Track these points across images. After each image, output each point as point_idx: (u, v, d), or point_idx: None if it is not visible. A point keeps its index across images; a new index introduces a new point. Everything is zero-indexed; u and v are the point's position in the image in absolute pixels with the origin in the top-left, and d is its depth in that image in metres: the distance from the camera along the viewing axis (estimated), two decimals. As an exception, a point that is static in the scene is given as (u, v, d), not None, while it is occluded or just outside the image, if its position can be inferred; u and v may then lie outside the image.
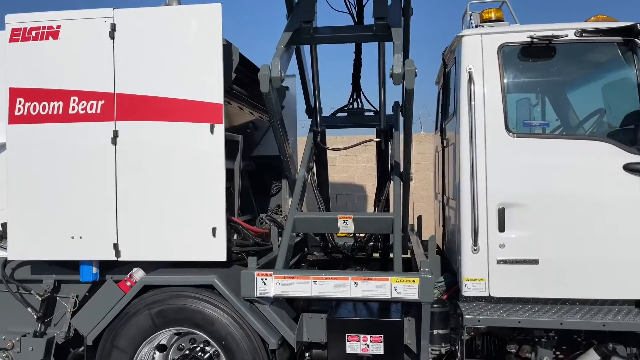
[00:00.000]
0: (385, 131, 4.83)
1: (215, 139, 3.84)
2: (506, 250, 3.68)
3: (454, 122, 4.15)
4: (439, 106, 5.49)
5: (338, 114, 5.53)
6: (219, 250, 3.83)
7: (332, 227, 4.24)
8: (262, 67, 3.72)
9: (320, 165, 5.08)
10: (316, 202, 4.90)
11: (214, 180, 3.83)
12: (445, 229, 4.95)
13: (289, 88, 6.34)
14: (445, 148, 4.85)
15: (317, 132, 4.83)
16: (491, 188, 3.71)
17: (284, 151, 4.33)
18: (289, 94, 6.37)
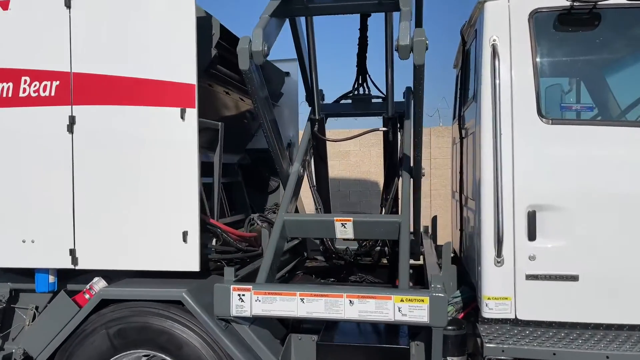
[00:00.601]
0: (393, 120, 4.16)
1: (186, 126, 3.22)
2: (537, 263, 3.00)
3: (474, 108, 3.47)
4: (457, 91, 4.79)
5: (342, 101, 4.89)
6: (190, 259, 3.22)
7: (328, 231, 3.60)
8: (241, 39, 3.10)
9: (319, 159, 4.44)
10: (313, 201, 4.26)
11: (185, 174, 3.22)
12: (463, 233, 4.26)
13: (289, 74, 5.72)
14: (463, 139, 4.16)
15: (314, 121, 4.18)
16: (519, 186, 3.02)
17: (272, 142, 3.71)
18: (290, 81, 5.74)
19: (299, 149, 4.28)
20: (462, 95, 4.49)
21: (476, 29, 3.58)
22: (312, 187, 4.24)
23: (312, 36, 3.93)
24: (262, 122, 3.54)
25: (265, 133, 3.64)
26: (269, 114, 3.57)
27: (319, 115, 4.20)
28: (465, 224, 4.10)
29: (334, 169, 11.54)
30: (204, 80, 3.76)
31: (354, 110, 4.80)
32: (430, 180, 11.36)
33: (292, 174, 4.02)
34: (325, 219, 3.59)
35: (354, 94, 4.76)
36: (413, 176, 3.89)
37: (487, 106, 3.09)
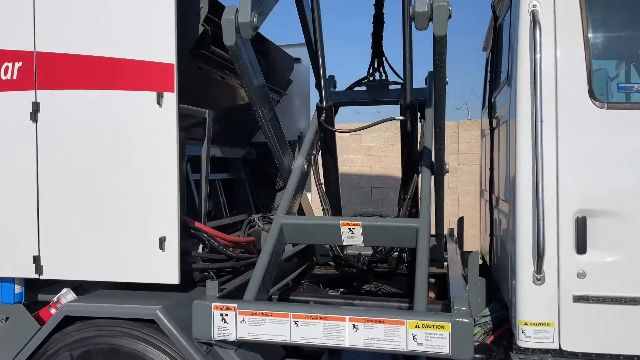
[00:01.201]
0: (412, 107, 3.58)
1: (163, 113, 2.73)
2: (588, 281, 2.42)
3: (507, 92, 2.89)
4: (487, 76, 4.20)
5: (356, 88, 4.35)
6: (169, 269, 2.74)
7: (333, 237, 3.07)
8: (226, 9, 2.60)
9: (327, 154, 3.89)
10: (320, 202, 3.73)
11: (162, 169, 2.73)
12: (493, 239, 3.68)
13: (300, 60, 5.20)
14: (494, 130, 3.58)
15: (321, 109, 3.64)
16: (565, 186, 2.44)
17: (268, 133, 3.19)
18: (301, 68, 5.22)
19: (304, 141, 3.75)
20: (492, 80, 3.89)
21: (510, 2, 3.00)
22: (319, 185, 3.71)
23: (317, 9, 3.39)
24: (255, 109, 3.02)
25: (260, 123, 3.13)
26: (263, 101, 3.06)
27: (327, 102, 3.65)
28: (496, 229, 3.52)
29: (356, 164, 11.00)
30: (192, 61, 3.27)
31: (369, 98, 4.24)
32: (458, 177, 10.73)
33: (294, 169, 3.49)
34: (330, 222, 3.06)
35: (369, 79, 4.22)
36: (435, 172, 3.32)
37: (525, 87, 2.51)
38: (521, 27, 2.57)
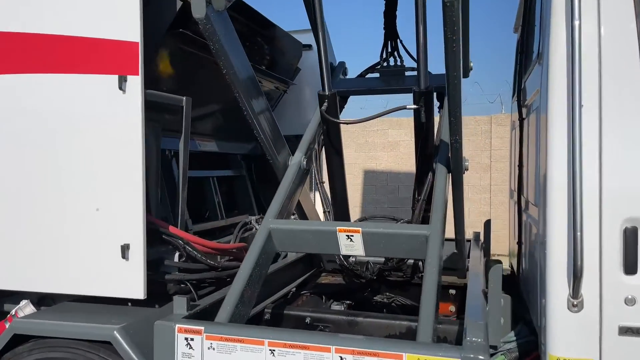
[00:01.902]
0: (427, 95, 3.09)
1: (126, 100, 2.34)
2: (639, 309, 1.90)
3: (539, 72, 2.38)
4: (517, 60, 3.66)
5: (369, 75, 3.88)
6: (133, 282, 2.35)
7: (329, 246, 2.62)
8: (195, -25, 2.19)
9: (331, 149, 3.43)
10: (321, 203, 3.28)
11: (125, 165, 2.34)
12: (522, 248, 3.17)
13: (311, 46, 4.76)
14: (523, 120, 3.06)
15: (323, 97, 3.19)
16: (610, 188, 1.93)
17: (255, 124, 2.77)
18: (312, 55, 4.78)
19: (304, 135, 3.32)
20: (523, 63, 3.37)
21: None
22: (320, 184, 3.26)
23: None
24: (237, 96, 2.60)
25: (245, 112, 2.70)
26: (247, 86, 2.63)
27: (329, 90, 3.19)
28: (525, 237, 3.00)
29: (382, 160, 10.50)
30: (170, 42, 2.86)
31: (382, 86, 3.77)
32: (491, 174, 10.14)
33: (290, 166, 3.07)
34: (325, 229, 2.61)
35: (382, 65, 3.74)
36: (451, 170, 2.84)
37: (559, 63, 2.01)
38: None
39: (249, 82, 2.65)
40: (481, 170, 10.18)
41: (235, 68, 2.49)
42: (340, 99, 3.99)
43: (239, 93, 2.56)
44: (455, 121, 2.50)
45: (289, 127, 4.15)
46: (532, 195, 2.61)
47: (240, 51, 2.54)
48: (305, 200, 3.44)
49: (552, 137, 2.05)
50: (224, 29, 2.34)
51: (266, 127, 2.86)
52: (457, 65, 2.20)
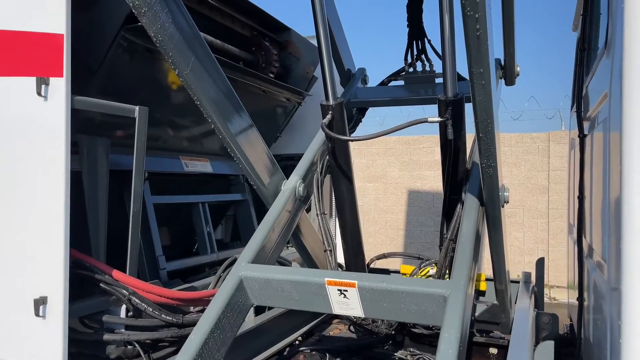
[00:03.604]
0: (456, 104, 2.40)
1: (47, 107, 1.81)
2: None
3: (606, 68, 1.67)
4: (577, 59, 2.91)
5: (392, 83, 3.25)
6: (50, 345, 1.79)
7: (316, 302, 1.97)
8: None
9: (338, 171, 2.78)
10: (321, 238, 2.63)
11: (43, 190, 1.80)
12: (583, 307, 2.40)
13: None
14: (585, 137, 2.31)
15: (326, 109, 2.55)
16: None
17: (227, 140, 2.17)
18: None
19: (305, 154, 2.71)
20: (584, 63, 2.62)
21: None
22: (321, 215, 2.61)
23: None
24: (199, 105, 2.01)
25: (213, 126, 2.11)
26: (213, 94, 2.04)
27: (334, 99, 2.56)
28: (589, 293, 2.24)
29: (428, 180, 9.73)
30: (132, 40, 2.32)
31: (407, 96, 3.11)
32: (549, 197, 9.17)
33: (282, 192, 2.46)
34: (310, 279, 1.96)
35: (408, 71, 3.10)
36: (484, 202, 2.14)
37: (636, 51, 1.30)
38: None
39: (217, 90, 2.06)
40: (538, 193, 9.23)
41: (192, 69, 1.91)
42: (358, 111, 3.37)
43: (202, 105, 1.98)
44: (486, 139, 1.82)
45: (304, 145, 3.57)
46: (597, 242, 1.86)
47: (200, 47, 1.95)
48: (308, 234, 2.80)
49: (629, 158, 1.33)
50: (170, 13, 1.76)
51: (247, 147, 2.27)
52: (483, 58, 1.53)
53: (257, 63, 3.57)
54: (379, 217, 10.21)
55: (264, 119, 3.89)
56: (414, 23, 2.93)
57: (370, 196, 10.33)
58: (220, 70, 2.05)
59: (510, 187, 9.84)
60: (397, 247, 9.92)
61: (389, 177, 10.33)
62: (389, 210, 10.21)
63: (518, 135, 9.36)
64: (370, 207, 10.38)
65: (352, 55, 3.50)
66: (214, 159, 3.32)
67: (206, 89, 1.99)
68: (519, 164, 9.34)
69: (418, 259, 3.15)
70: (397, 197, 10.22)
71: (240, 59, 3.43)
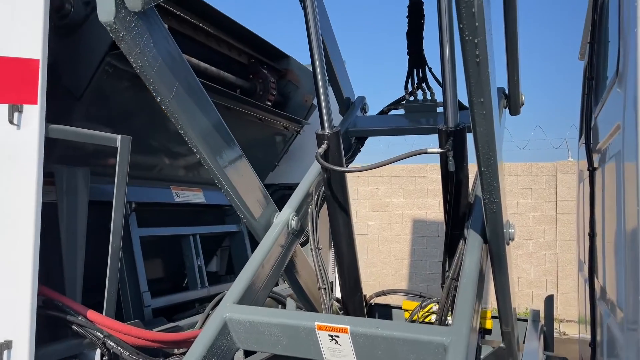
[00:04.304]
0: (457, 134, 2.27)
1: (20, 136, 1.70)
2: None
3: (618, 100, 1.55)
4: (584, 89, 2.79)
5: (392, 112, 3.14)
6: (13, 397, 1.64)
7: (306, 348, 1.82)
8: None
9: (334, 203, 2.65)
10: (316, 277, 2.47)
11: (10, 224, 1.68)
12: (597, 354, 2.22)
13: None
14: (595, 171, 2.18)
15: (322, 138, 2.44)
16: None
17: (213, 169, 2.05)
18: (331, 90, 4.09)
19: (299, 186, 2.58)
20: (592, 92, 2.50)
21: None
22: (316, 250, 2.47)
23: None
24: (183, 134, 1.90)
25: (197, 155, 1.99)
26: (197, 122, 1.93)
27: (330, 128, 2.44)
28: (601, 338, 2.07)
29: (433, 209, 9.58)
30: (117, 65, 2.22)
31: (407, 125, 3.00)
32: (557, 228, 8.97)
33: (274, 225, 2.32)
34: (299, 323, 1.81)
35: (408, 100, 2.99)
36: (487, 239, 1.99)
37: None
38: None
39: (203, 118, 1.95)
40: (545, 223, 9.04)
41: (175, 97, 1.80)
42: (357, 141, 3.25)
43: (186, 134, 1.86)
44: (488, 173, 1.69)
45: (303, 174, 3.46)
46: (611, 285, 1.71)
47: (184, 73, 1.84)
48: (302, 269, 2.66)
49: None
50: (151, 37, 1.67)
51: (235, 179, 2.14)
52: (484, 87, 1.41)
53: (255, 91, 3.49)
54: (384, 247, 10.02)
55: (261, 147, 3.78)
56: (414, 51, 2.84)
57: (375, 225, 10.16)
58: (208, 98, 1.94)
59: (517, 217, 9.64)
60: (401, 278, 9.71)
61: (393, 205, 10.17)
62: (393, 240, 10.02)
63: (524, 165, 9.23)
64: (375, 237, 10.21)
65: (351, 84, 3.41)
66: (208, 189, 3.20)
67: (191, 118, 1.88)
68: (526, 193, 9.17)
69: (419, 296, 2.98)
70: (402, 226, 10.06)
71: (237, 87, 3.35)
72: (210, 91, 2.81)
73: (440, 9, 2.17)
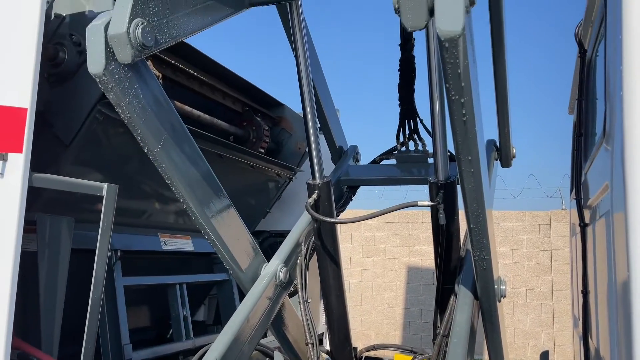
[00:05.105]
0: (447, 188, 2.27)
1: (3, 185, 1.67)
2: None
3: (608, 157, 1.55)
4: (574, 144, 2.81)
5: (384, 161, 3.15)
6: None
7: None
8: (98, 17, 1.57)
9: (324, 254, 2.61)
10: (304, 330, 2.40)
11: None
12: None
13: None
14: (586, 226, 2.16)
15: (313, 187, 2.42)
16: None
17: (202, 224, 2.02)
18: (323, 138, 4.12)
19: (287, 237, 2.55)
20: (581, 148, 2.52)
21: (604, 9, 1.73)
22: (304, 304, 2.41)
23: (299, 23, 2.27)
24: (170, 185, 1.88)
25: (186, 207, 1.97)
26: (185, 173, 1.91)
27: (321, 178, 2.43)
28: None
29: (428, 256, 9.48)
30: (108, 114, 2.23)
31: (398, 175, 3.01)
32: (552, 278, 8.89)
33: (261, 277, 2.28)
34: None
35: (400, 150, 3.01)
36: (478, 296, 1.95)
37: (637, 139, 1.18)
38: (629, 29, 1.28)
39: (191, 168, 1.93)
40: (541, 273, 8.96)
41: (163, 147, 1.79)
42: (349, 190, 3.25)
43: (173, 184, 1.84)
44: (477, 230, 1.66)
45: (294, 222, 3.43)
46: (605, 347, 1.66)
47: (173, 123, 1.84)
48: (290, 322, 2.59)
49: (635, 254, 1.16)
50: (141, 90, 1.67)
51: (222, 229, 2.11)
52: (471, 145, 1.41)
53: (248, 138, 3.50)
54: (377, 294, 9.88)
55: (253, 193, 3.77)
56: (405, 103, 2.88)
57: (369, 272, 10.05)
58: (196, 148, 1.94)
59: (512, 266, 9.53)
60: (395, 327, 9.53)
61: (387, 252, 10.09)
62: (387, 287, 9.89)
63: (518, 213, 9.22)
64: (369, 284, 10.08)
65: (343, 133, 3.43)
66: (196, 236, 3.16)
67: (178, 168, 1.87)
68: (520, 242, 9.14)
69: (411, 352, 2.90)
70: (396, 273, 9.96)
71: (230, 134, 3.36)
72: (203, 139, 2.83)
73: (430, 65, 2.21)
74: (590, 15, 2.21)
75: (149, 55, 1.62)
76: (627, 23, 1.30)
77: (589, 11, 2.19)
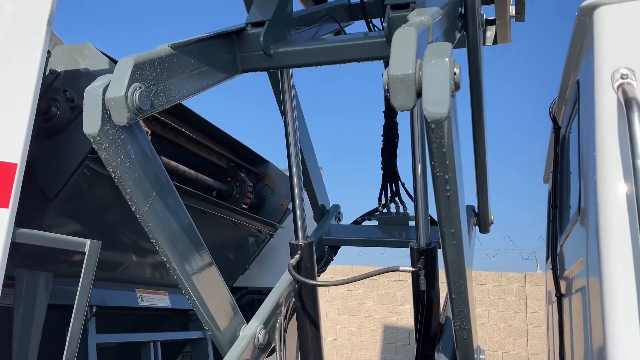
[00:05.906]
0: (428, 254, 2.31)
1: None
2: None
3: (581, 234, 1.61)
4: (549, 215, 2.90)
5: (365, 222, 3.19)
6: None
7: None
8: (97, 80, 1.61)
9: (304, 316, 2.59)
10: (280, 394, 2.35)
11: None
12: None
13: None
14: (562, 297, 2.21)
15: (295, 248, 2.44)
16: None
17: (181, 280, 2.01)
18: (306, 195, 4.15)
19: (267, 298, 2.53)
20: (557, 220, 2.60)
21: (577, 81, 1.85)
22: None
23: (292, 101, 2.36)
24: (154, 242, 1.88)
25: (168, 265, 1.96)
26: (172, 232, 1.92)
27: (304, 238, 2.45)
28: None
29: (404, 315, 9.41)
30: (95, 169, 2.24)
31: (379, 237, 3.04)
32: (527, 341, 8.88)
33: (240, 339, 2.24)
34: None
35: (382, 212, 3.06)
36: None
37: (613, 223, 1.24)
38: (600, 119, 1.37)
39: (176, 226, 1.94)
40: (516, 336, 8.93)
41: (151, 206, 1.80)
42: (330, 249, 3.27)
43: (157, 243, 1.84)
44: (459, 300, 1.69)
45: (275, 278, 3.41)
46: None
47: (162, 183, 1.86)
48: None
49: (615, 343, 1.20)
50: (132, 150, 1.70)
51: (203, 288, 2.09)
52: (454, 219, 1.46)
53: (231, 194, 3.53)
54: (353, 353, 9.69)
55: (233, 248, 3.75)
56: (388, 167, 2.96)
57: (344, 330, 9.89)
58: (182, 205, 1.95)
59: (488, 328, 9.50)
60: (371, 389, 9.31)
61: (364, 309, 9.98)
62: (363, 346, 9.72)
63: (494, 274, 9.28)
64: (344, 342, 9.90)
65: (326, 191, 3.48)
66: (174, 292, 3.11)
67: (164, 226, 1.87)
68: (496, 303, 9.15)
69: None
70: (372, 332, 9.82)
71: (214, 189, 3.38)
72: (187, 194, 2.84)
73: (413, 134, 2.30)
74: (564, 94, 2.34)
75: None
76: (599, 110, 1.40)
77: (563, 91, 2.32)
